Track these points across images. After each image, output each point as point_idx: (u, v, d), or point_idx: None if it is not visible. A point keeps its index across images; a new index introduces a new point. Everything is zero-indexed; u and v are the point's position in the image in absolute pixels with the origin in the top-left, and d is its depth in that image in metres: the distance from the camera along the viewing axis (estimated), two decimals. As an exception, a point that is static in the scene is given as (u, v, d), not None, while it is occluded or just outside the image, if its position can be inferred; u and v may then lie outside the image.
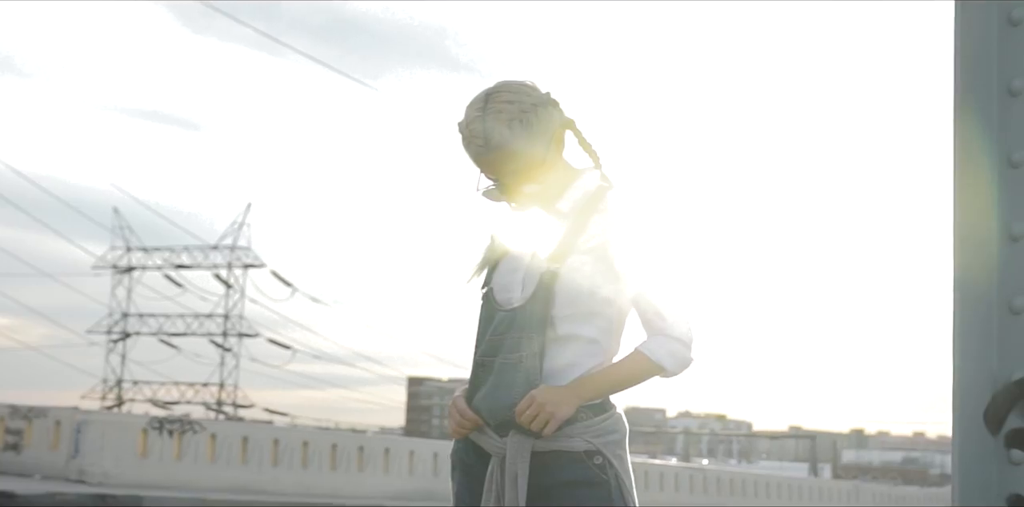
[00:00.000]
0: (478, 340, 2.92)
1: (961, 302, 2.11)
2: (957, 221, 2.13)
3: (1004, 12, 2.14)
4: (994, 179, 2.11)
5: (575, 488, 2.76)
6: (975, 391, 2.09)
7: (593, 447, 2.78)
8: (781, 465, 78.89)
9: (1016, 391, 2.07)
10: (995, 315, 2.10)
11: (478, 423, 2.85)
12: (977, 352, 2.09)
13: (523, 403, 2.75)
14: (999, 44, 2.13)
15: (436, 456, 26.11)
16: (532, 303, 2.81)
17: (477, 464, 2.88)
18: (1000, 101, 2.13)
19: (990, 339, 2.09)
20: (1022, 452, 2.06)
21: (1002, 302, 2.09)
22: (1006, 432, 2.07)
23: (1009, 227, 2.10)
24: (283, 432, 25.13)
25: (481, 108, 2.83)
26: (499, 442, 2.82)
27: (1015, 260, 2.09)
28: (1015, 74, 2.12)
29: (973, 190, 2.12)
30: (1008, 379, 2.07)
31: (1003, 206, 2.11)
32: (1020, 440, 2.07)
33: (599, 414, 2.82)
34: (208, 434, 21.88)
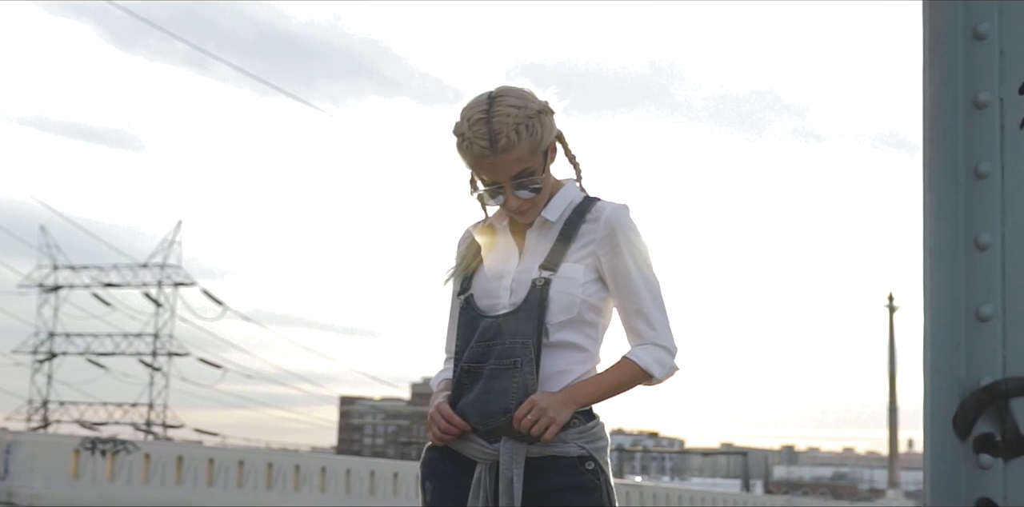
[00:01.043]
0: (460, 346, 2.92)
1: (931, 310, 2.16)
2: (927, 231, 2.17)
3: (969, 26, 2.19)
4: (962, 190, 2.16)
5: (569, 493, 2.78)
6: (945, 397, 2.14)
7: (586, 453, 2.81)
8: (714, 481, 79.26)
9: (984, 397, 2.12)
10: (963, 323, 2.14)
11: (465, 429, 2.85)
12: (946, 359, 2.14)
13: (523, 408, 2.76)
14: (965, 58, 2.19)
15: (373, 474, 25.97)
16: (524, 309, 2.83)
17: (456, 472, 2.87)
18: (966, 113, 2.18)
19: (959, 346, 2.14)
20: (990, 457, 2.11)
21: (970, 310, 2.14)
22: (975, 437, 2.12)
23: (976, 237, 2.15)
24: (218, 452, 24.88)
25: (485, 110, 2.81)
26: (489, 448, 2.82)
27: (982, 269, 2.14)
28: (981, 87, 2.17)
29: (942, 200, 2.17)
30: (976, 386, 2.12)
31: (970, 216, 2.16)
32: (988, 445, 2.11)
33: (590, 420, 2.85)
34: (142, 454, 21.62)
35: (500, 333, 2.84)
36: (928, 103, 2.21)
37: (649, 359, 2.84)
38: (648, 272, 2.88)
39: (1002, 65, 2.18)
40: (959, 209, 2.16)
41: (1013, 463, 2.09)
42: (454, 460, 2.88)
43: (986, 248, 2.14)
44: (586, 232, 2.88)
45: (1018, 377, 2.11)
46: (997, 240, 2.14)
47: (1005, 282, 2.13)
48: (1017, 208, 2.14)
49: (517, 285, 2.86)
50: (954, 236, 2.16)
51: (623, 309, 2.88)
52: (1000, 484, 2.09)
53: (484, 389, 2.83)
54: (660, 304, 2.89)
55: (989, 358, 2.12)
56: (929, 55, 2.21)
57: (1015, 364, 2.11)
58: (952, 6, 2.21)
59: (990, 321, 2.13)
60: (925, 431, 2.14)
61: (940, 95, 2.20)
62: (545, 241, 2.90)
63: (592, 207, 2.91)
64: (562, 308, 2.82)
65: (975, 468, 2.11)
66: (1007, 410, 2.11)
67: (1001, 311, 2.13)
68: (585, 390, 2.81)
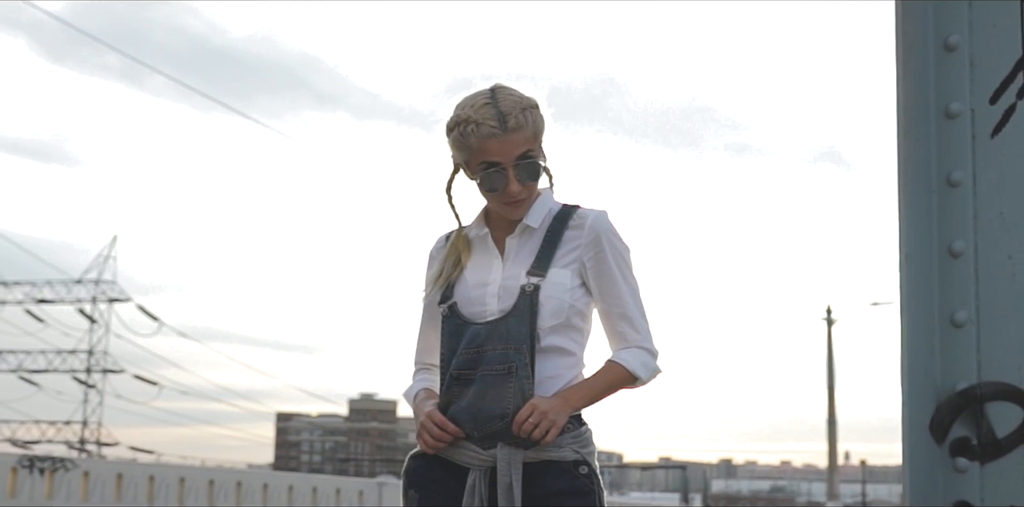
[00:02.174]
0: (446, 354, 2.92)
1: (907, 316, 2.20)
2: (902, 239, 2.21)
3: (940, 39, 2.24)
4: (935, 198, 2.20)
5: (566, 497, 2.80)
6: (921, 402, 2.18)
7: (580, 457, 2.83)
8: (653, 496, 79.52)
9: (960, 402, 2.16)
10: (938, 329, 2.18)
11: (459, 435, 2.85)
12: (922, 364, 2.18)
13: (524, 411, 2.77)
14: (936, 69, 2.23)
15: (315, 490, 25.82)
16: (515, 315, 2.84)
17: (445, 479, 2.87)
18: (938, 123, 2.22)
19: (934, 352, 2.18)
20: (967, 460, 2.14)
21: (944, 316, 2.18)
22: (951, 441, 2.16)
23: (950, 244, 2.19)
24: (159, 469, 24.62)
25: (489, 97, 2.87)
26: (484, 454, 2.83)
27: (956, 275, 2.19)
28: (952, 98, 2.22)
29: (915, 209, 2.21)
30: (952, 390, 2.16)
31: (943, 224, 2.20)
32: (964, 449, 2.15)
33: (582, 425, 2.87)
34: (80, 472, 21.37)
35: (490, 339, 2.85)
36: (901, 113, 2.25)
37: (635, 362, 2.88)
38: (631, 277, 2.92)
39: (972, 76, 2.22)
40: (932, 217, 2.20)
41: (989, 466, 2.13)
42: (442, 467, 2.88)
43: (959, 255, 2.18)
44: (570, 238, 2.91)
45: (993, 382, 2.15)
46: (970, 247, 2.18)
47: (979, 288, 2.17)
48: (989, 216, 2.18)
49: (504, 292, 2.88)
50: (928, 243, 2.20)
51: (607, 313, 2.91)
52: (977, 487, 2.13)
53: (478, 395, 2.83)
54: (642, 308, 2.94)
55: (964, 363, 2.16)
56: (902, 67, 2.26)
57: (990, 369, 2.15)
58: (923, 19, 2.25)
59: (964, 327, 2.17)
60: (903, 435, 2.18)
61: (913, 106, 2.24)
62: (529, 248, 2.92)
63: (574, 214, 2.94)
64: (552, 313, 2.85)
65: (952, 471, 2.15)
66: (982, 414, 2.14)
67: (975, 317, 2.17)
68: (578, 394, 2.84)
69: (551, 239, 2.91)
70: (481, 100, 2.88)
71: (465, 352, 2.87)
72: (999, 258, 2.17)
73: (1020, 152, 2.18)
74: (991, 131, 2.20)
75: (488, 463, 2.82)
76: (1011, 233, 2.17)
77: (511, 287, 2.87)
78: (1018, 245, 2.17)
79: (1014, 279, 2.16)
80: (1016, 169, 2.18)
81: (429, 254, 3.12)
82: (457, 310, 2.94)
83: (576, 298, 2.88)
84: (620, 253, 2.91)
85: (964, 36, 2.23)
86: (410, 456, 2.98)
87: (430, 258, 3.10)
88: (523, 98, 2.89)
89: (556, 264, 2.89)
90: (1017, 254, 2.16)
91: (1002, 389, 2.14)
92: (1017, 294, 2.16)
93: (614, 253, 2.89)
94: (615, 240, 2.91)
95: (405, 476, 2.97)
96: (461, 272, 2.99)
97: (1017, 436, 2.13)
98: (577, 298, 2.88)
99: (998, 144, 2.19)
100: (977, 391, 2.15)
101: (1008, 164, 2.18)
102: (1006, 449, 2.13)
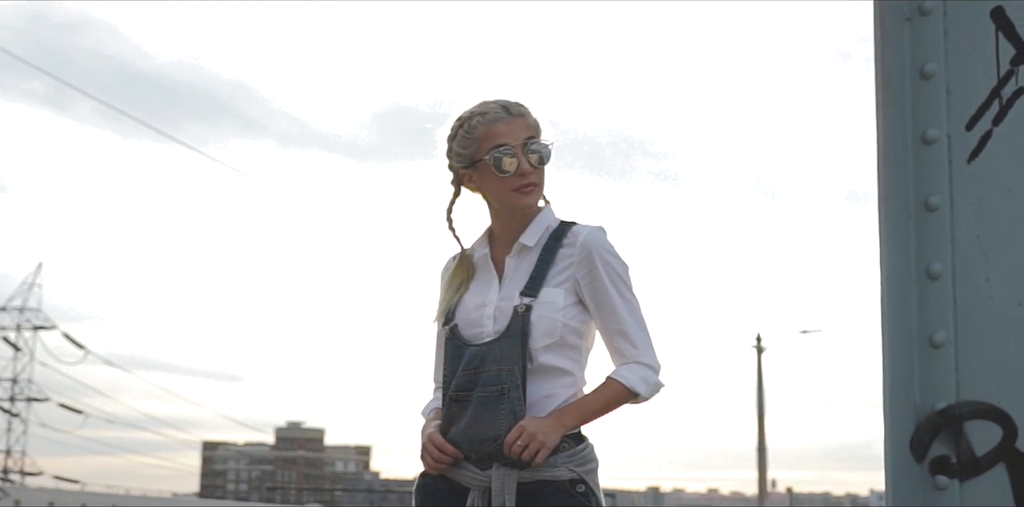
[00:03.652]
0: (447, 376, 2.95)
1: (887, 338, 2.25)
2: (883, 261, 2.26)
3: (916, 67, 2.30)
4: (912, 222, 2.26)
5: None
6: (902, 421, 2.22)
7: (576, 476, 2.84)
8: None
9: (939, 421, 2.21)
10: (917, 350, 2.23)
11: (458, 457, 2.87)
12: (902, 385, 2.23)
13: (513, 434, 2.79)
14: (913, 96, 2.29)
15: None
16: (507, 336, 2.86)
17: (450, 498, 2.89)
18: (915, 149, 2.28)
19: (913, 372, 2.23)
20: (947, 478, 2.19)
21: (923, 337, 2.23)
22: (930, 459, 2.21)
23: (928, 266, 2.24)
24: (90, 497, 24.33)
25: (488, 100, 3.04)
26: (481, 475, 2.84)
27: (934, 297, 2.24)
28: (929, 124, 2.28)
29: (894, 232, 2.26)
30: (932, 410, 2.21)
31: (921, 247, 2.25)
32: (944, 467, 2.20)
33: (579, 443, 2.88)
34: (11, 500, 21.04)
35: (485, 361, 2.87)
36: (880, 140, 2.30)
37: (634, 378, 2.89)
38: (627, 292, 2.93)
39: (949, 103, 2.28)
40: (910, 240, 2.26)
41: (969, 484, 2.18)
42: (448, 486, 2.91)
43: (937, 277, 2.24)
44: (564, 256, 2.93)
45: (971, 401, 2.20)
46: (948, 270, 2.23)
47: (956, 310, 2.22)
48: (966, 239, 2.24)
49: (499, 313, 2.90)
50: (906, 266, 2.25)
51: (605, 330, 2.93)
52: (956, 504, 2.18)
53: (473, 417, 2.86)
54: (641, 323, 2.94)
55: (943, 383, 2.21)
56: (880, 95, 2.31)
57: (968, 389, 2.20)
58: (900, 48, 2.31)
59: (943, 347, 2.22)
60: (885, 454, 2.22)
61: (891, 132, 2.30)
62: (524, 267, 2.95)
63: (568, 231, 2.97)
64: (544, 333, 2.86)
65: (932, 489, 2.19)
66: (962, 433, 2.19)
67: (953, 338, 2.22)
68: (572, 413, 2.85)
69: (545, 257, 2.93)
70: (481, 102, 3.01)
71: (463, 374, 2.90)
72: (976, 280, 2.23)
73: (996, 177, 2.24)
74: (968, 157, 2.26)
75: (486, 484, 2.84)
76: (988, 256, 2.23)
77: (505, 308, 2.90)
78: (995, 267, 2.22)
79: (991, 301, 2.22)
80: (993, 194, 2.24)
81: (440, 275, 3.15)
82: (458, 332, 2.97)
83: (570, 317, 2.89)
84: (614, 269, 2.92)
85: (940, 64, 2.29)
86: (419, 474, 3.01)
87: (441, 280, 3.13)
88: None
89: (549, 283, 2.91)
90: (994, 276, 2.22)
91: (980, 408, 2.19)
92: (994, 315, 2.21)
93: (607, 269, 2.91)
94: (608, 256, 2.92)
95: (415, 494, 3.01)
96: (464, 294, 3.02)
97: (996, 454, 2.18)
98: (572, 317, 2.90)
99: (975, 169, 2.25)
100: (956, 410, 2.20)
101: (985, 189, 2.24)
102: (985, 467, 2.18)
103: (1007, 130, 2.25)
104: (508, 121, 2.94)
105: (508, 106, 2.98)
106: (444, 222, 3.07)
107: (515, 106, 2.99)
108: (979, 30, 2.30)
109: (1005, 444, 2.18)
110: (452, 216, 3.06)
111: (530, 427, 2.79)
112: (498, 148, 2.91)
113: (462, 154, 2.98)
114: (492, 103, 3.00)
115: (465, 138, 2.97)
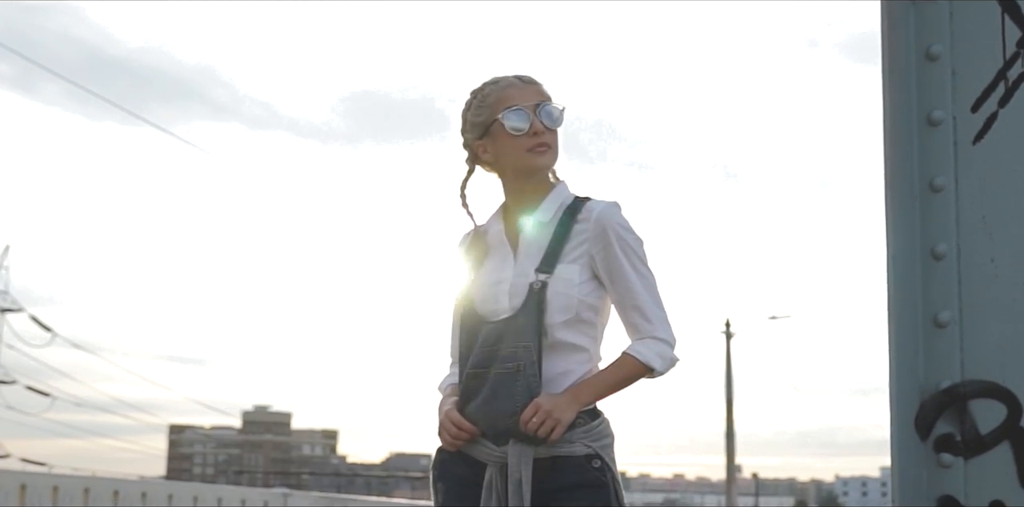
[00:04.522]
0: (463, 353, 2.96)
1: (892, 318, 2.27)
2: (888, 242, 2.28)
3: (922, 49, 2.32)
4: (918, 203, 2.28)
5: (578, 491, 2.81)
6: (907, 400, 2.25)
7: (592, 451, 2.84)
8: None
9: (943, 399, 2.23)
10: (922, 329, 2.26)
11: (475, 433, 2.88)
12: (908, 364, 2.25)
13: (528, 411, 2.79)
14: (919, 78, 2.31)
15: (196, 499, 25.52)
16: (523, 313, 2.86)
17: (468, 474, 2.90)
18: (921, 130, 2.30)
19: (918, 352, 2.25)
20: (951, 456, 2.22)
21: (928, 317, 2.26)
22: (935, 437, 2.23)
23: (933, 247, 2.26)
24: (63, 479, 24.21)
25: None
26: (498, 451, 2.85)
27: (939, 277, 2.26)
28: (934, 106, 2.29)
29: (900, 213, 2.28)
30: (936, 388, 2.23)
31: (927, 228, 2.28)
32: (949, 445, 2.22)
33: (595, 419, 2.89)
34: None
35: (502, 338, 2.88)
36: (886, 122, 2.32)
37: (649, 353, 2.89)
38: (642, 267, 2.93)
39: (954, 84, 2.30)
40: (916, 221, 2.28)
41: (973, 461, 2.21)
42: (465, 462, 2.91)
43: (942, 258, 2.26)
44: (578, 232, 2.93)
45: (976, 380, 2.22)
46: (953, 250, 2.26)
47: (961, 290, 2.25)
48: (971, 220, 2.26)
49: (515, 289, 2.90)
50: (912, 247, 2.27)
51: (620, 305, 2.93)
52: (961, 482, 2.20)
53: (490, 393, 2.86)
54: (656, 298, 2.94)
55: (948, 362, 2.24)
56: (886, 76, 2.33)
57: (972, 368, 2.23)
58: (906, 30, 2.33)
59: (948, 327, 2.24)
60: (891, 432, 2.25)
61: (897, 114, 2.31)
62: (539, 243, 2.94)
63: (583, 207, 2.96)
64: (560, 309, 2.86)
65: (936, 467, 2.22)
66: (966, 411, 2.22)
67: (958, 317, 2.24)
68: (588, 389, 2.86)
69: (560, 233, 2.93)
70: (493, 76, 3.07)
71: (480, 351, 2.90)
72: (981, 260, 2.25)
73: (1002, 158, 2.26)
74: (973, 138, 2.28)
75: (503, 460, 2.84)
76: (993, 236, 2.25)
77: (521, 284, 2.90)
78: (1000, 248, 2.25)
79: (996, 281, 2.24)
80: (997, 175, 2.26)
81: (460, 252, 3.14)
82: (474, 308, 2.97)
83: (586, 293, 2.89)
84: (629, 244, 2.91)
85: (946, 46, 2.31)
86: (437, 449, 3.01)
87: (462, 256, 3.12)
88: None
89: (564, 259, 2.91)
90: (999, 256, 2.24)
91: (985, 387, 2.22)
92: (999, 295, 2.24)
93: (622, 245, 2.90)
94: (623, 232, 2.92)
95: (433, 469, 3.01)
96: (480, 270, 3.02)
97: (1000, 432, 2.21)
98: (587, 293, 2.90)
99: (980, 151, 2.27)
100: (961, 389, 2.22)
101: (990, 170, 2.26)
102: (989, 445, 2.21)
103: (1013, 112, 2.27)
104: (520, 87, 3.00)
105: (520, 76, 3.03)
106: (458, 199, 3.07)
107: (527, 76, 3.04)
108: (985, 12, 2.31)
109: (1009, 422, 2.21)
110: (466, 192, 3.06)
111: (546, 404, 2.80)
112: (510, 108, 2.95)
113: (476, 123, 3.00)
114: (504, 75, 3.05)
115: (479, 106, 3.00)
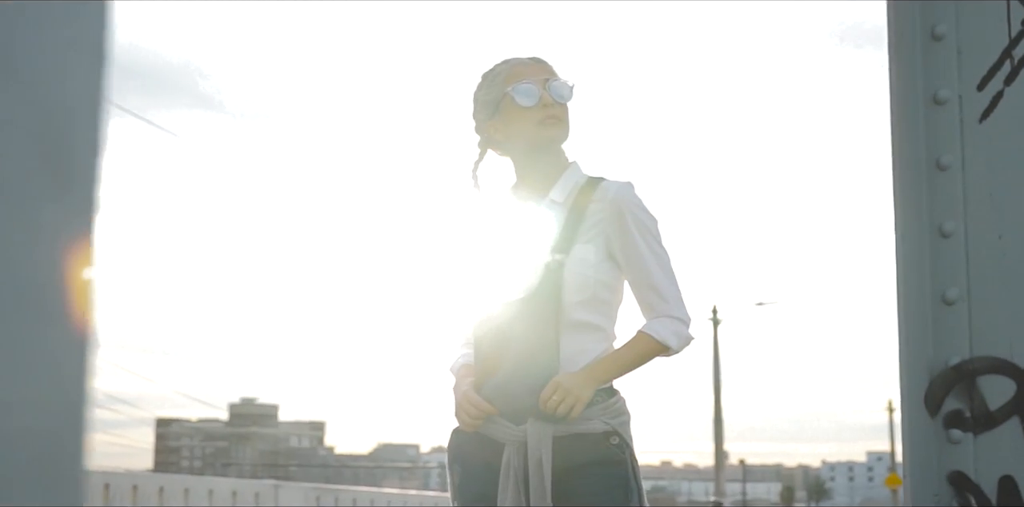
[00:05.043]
0: (479, 333, 2.98)
1: (901, 295, 2.29)
2: (896, 220, 2.30)
3: (928, 28, 2.33)
4: (925, 181, 2.30)
5: (596, 467, 2.84)
6: (916, 377, 2.26)
7: (610, 428, 2.87)
8: (537, 497, 79.62)
9: (952, 376, 2.25)
10: (930, 306, 2.28)
11: (493, 413, 2.90)
12: (917, 341, 2.27)
13: (548, 390, 2.81)
14: (924, 57, 2.33)
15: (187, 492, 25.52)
16: (540, 293, 2.88)
17: (484, 454, 2.92)
18: (927, 109, 2.31)
19: (927, 329, 2.27)
20: (960, 432, 2.24)
21: (936, 294, 2.27)
22: (944, 414, 2.25)
23: (940, 225, 2.28)
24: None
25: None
26: (516, 430, 2.87)
27: (947, 255, 2.28)
28: (940, 85, 2.31)
29: (907, 192, 2.30)
30: (945, 365, 2.25)
31: (934, 206, 2.29)
32: (957, 421, 2.24)
33: (612, 396, 2.91)
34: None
35: (518, 317, 2.90)
36: (893, 101, 2.34)
37: (665, 331, 2.92)
38: (657, 246, 2.95)
39: (960, 63, 2.32)
40: (923, 200, 2.29)
41: (982, 437, 2.23)
42: (481, 443, 2.93)
43: (950, 235, 2.28)
44: (594, 212, 2.95)
45: (984, 356, 2.24)
46: (960, 228, 2.27)
47: (969, 267, 2.27)
48: (978, 198, 2.28)
49: (531, 269, 2.92)
50: (919, 225, 2.29)
51: (635, 285, 2.96)
52: (971, 458, 2.22)
53: (508, 373, 2.89)
54: (671, 276, 2.97)
55: (956, 339, 2.26)
56: (892, 56, 2.35)
57: (981, 344, 2.25)
58: (911, 9, 2.34)
59: (956, 304, 2.26)
60: (901, 409, 2.27)
61: (903, 93, 2.33)
62: (554, 223, 2.96)
63: (597, 186, 2.98)
64: (577, 289, 2.89)
65: (946, 443, 2.24)
66: (975, 387, 2.24)
67: (966, 294, 2.26)
68: (605, 367, 2.88)
69: (576, 213, 2.95)
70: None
71: (496, 330, 2.93)
72: (989, 238, 2.27)
73: (1008, 136, 2.28)
74: (979, 117, 2.30)
75: (521, 439, 2.87)
76: (1000, 214, 2.27)
77: (536, 264, 2.92)
78: (1007, 225, 2.26)
79: (1003, 258, 2.26)
80: (1004, 152, 2.28)
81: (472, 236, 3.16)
82: (491, 288, 2.99)
83: (602, 272, 2.92)
84: (644, 224, 2.94)
85: (951, 25, 2.32)
86: (453, 430, 3.03)
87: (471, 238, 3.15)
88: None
89: (580, 239, 2.93)
90: (1007, 233, 2.26)
91: (993, 363, 2.24)
92: (1006, 272, 2.26)
93: (638, 224, 2.93)
94: (638, 211, 2.94)
95: (448, 450, 3.04)
96: (494, 250, 3.04)
97: (1009, 408, 2.23)
98: (603, 272, 2.92)
99: (986, 129, 2.29)
100: (969, 366, 2.24)
101: (996, 148, 2.28)
102: (999, 420, 2.23)
103: (1018, 90, 2.29)
104: (530, 64, 3.04)
105: (530, 57, 3.08)
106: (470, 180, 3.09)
107: (537, 57, 3.08)
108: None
109: (1018, 398, 2.23)
110: (477, 173, 3.08)
111: (564, 382, 2.82)
112: (519, 82, 2.99)
113: (487, 101, 3.02)
114: (519, 56, 3.09)
115: (489, 85, 3.04)
